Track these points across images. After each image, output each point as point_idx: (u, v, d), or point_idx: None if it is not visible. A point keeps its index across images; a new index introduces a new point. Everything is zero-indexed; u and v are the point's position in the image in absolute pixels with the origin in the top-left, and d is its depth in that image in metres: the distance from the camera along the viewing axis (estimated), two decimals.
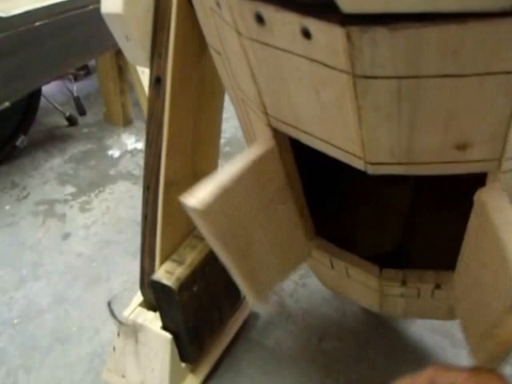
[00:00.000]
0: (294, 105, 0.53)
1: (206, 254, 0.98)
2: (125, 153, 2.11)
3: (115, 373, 1.10)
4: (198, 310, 1.01)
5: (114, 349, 1.09)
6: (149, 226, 0.95)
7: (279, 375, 1.15)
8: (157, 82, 0.85)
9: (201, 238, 1.00)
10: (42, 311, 1.38)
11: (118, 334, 1.07)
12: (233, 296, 1.18)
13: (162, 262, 0.95)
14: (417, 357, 1.17)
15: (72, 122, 2.35)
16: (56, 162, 2.07)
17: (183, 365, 1.08)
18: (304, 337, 1.24)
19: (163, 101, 0.84)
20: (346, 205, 0.91)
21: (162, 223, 0.92)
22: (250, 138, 0.77)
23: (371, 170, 0.53)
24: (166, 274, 0.93)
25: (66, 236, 1.66)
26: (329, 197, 0.87)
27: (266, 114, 0.59)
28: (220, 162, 1.07)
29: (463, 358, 1.14)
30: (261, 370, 1.16)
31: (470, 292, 0.62)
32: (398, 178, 0.55)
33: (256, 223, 0.66)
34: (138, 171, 1.96)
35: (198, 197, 0.57)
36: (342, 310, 1.30)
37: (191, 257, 0.96)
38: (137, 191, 1.84)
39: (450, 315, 0.82)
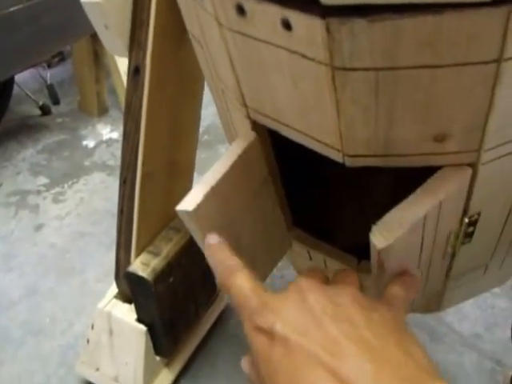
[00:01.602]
0: (273, 96, 0.54)
1: (182, 245, 0.99)
2: (100, 143, 2.10)
3: (89, 366, 1.11)
4: (173, 302, 1.02)
5: (88, 341, 1.10)
6: (125, 219, 0.96)
7: None
8: (135, 72, 0.85)
9: (177, 230, 1.01)
10: (13, 303, 1.38)
11: (92, 327, 1.07)
12: (209, 288, 1.19)
13: (138, 253, 0.96)
14: None
15: (45, 111, 2.34)
16: (29, 153, 2.07)
17: (158, 358, 1.09)
18: None
19: (141, 92, 0.84)
20: (324, 196, 0.92)
21: (139, 216, 0.93)
22: (228, 130, 0.78)
23: (349, 162, 0.54)
24: (142, 265, 0.94)
25: (38, 227, 1.66)
26: (307, 187, 0.88)
27: (244, 105, 0.60)
28: (198, 151, 1.07)
29: (442, 352, 1.16)
30: (236, 365, 1.16)
31: None
32: (379, 170, 0.57)
33: (243, 217, 0.67)
34: (114, 162, 1.96)
35: (187, 200, 0.58)
36: None
37: (167, 249, 0.97)
38: (112, 182, 1.84)
39: (426, 308, 0.84)
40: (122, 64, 2.11)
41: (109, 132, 2.17)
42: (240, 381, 1.14)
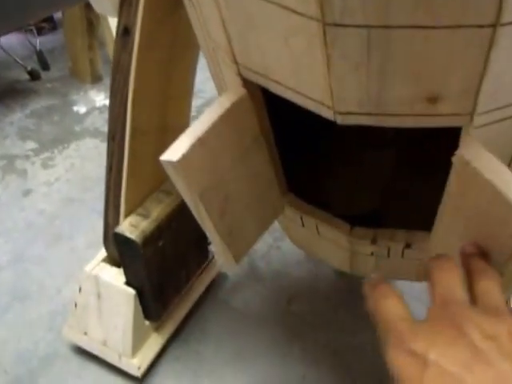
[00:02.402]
0: (263, 53, 0.56)
1: (173, 208, 1.01)
2: (92, 109, 2.11)
3: (77, 330, 1.13)
4: (162, 266, 1.04)
5: (76, 305, 1.12)
6: (114, 177, 0.97)
7: (245, 336, 1.19)
8: (124, 32, 0.86)
9: (168, 193, 1.02)
10: (0, 268, 1.40)
11: (80, 290, 1.09)
12: (200, 255, 1.21)
13: (127, 215, 0.98)
14: None
15: (34, 76, 2.33)
16: (16, 117, 2.06)
17: (147, 323, 1.12)
18: (273, 298, 1.28)
19: (130, 52, 0.85)
20: (320, 162, 0.93)
21: (128, 174, 0.94)
22: (221, 90, 0.79)
23: (340, 120, 0.56)
24: (131, 226, 0.95)
25: (26, 192, 1.67)
26: (301, 151, 0.89)
27: (235, 62, 0.62)
28: None
29: None
30: (227, 331, 1.20)
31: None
32: (372, 135, 0.57)
33: (233, 176, 0.69)
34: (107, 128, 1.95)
35: (172, 149, 0.59)
36: (314, 273, 1.34)
37: (157, 211, 0.99)
38: (105, 149, 1.82)
39: (419, 276, 0.86)
40: None
41: (103, 99, 2.17)
42: (229, 346, 1.18)
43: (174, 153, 0.59)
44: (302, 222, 0.89)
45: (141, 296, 1.05)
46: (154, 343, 1.13)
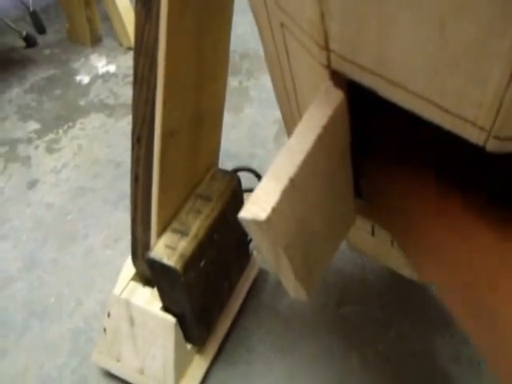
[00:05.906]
0: (386, 41, 0.36)
1: (215, 218, 0.82)
2: (95, 78, 1.91)
3: (108, 356, 0.97)
4: (205, 287, 0.87)
5: (105, 330, 0.95)
6: (141, 188, 0.78)
7: (295, 351, 1.03)
8: None
9: (206, 198, 0.84)
10: (11, 279, 1.23)
11: (108, 315, 0.92)
12: (242, 257, 1.04)
13: (161, 231, 0.79)
14: (451, 323, 1.05)
15: (30, 42, 2.14)
16: (14, 93, 1.87)
17: (189, 346, 0.95)
18: (320, 300, 1.12)
19: (157, 21, 0.64)
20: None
21: (160, 184, 0.75)
22: (280, 80, 0.60)
23: (493, 147, 0.35)
24: (167, 249, 0.77)
25: (32, 184, 1.48)
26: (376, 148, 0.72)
27: (326, 48, 0.42)
28: (239, 79, 0.88)
29: None
30: (274, 346, 1.05)
31: None
32: None
33: (318, 207, 0.51)
34: (113, 100, 1.78)
35: (256, 200, 0.41)
36: (360, 265, 1.18)
37: (196, 224, 0.80)
38: (113, 125, 1.67)
39: None
40: None
41: (105, 65, 1.97)
42: (279, 367, 1.02)
43: (259, 207, 0.41)
44: (373, 231, 0.75)
45: (182, 322, 0.88)
46: (197, 368, 0.97)
